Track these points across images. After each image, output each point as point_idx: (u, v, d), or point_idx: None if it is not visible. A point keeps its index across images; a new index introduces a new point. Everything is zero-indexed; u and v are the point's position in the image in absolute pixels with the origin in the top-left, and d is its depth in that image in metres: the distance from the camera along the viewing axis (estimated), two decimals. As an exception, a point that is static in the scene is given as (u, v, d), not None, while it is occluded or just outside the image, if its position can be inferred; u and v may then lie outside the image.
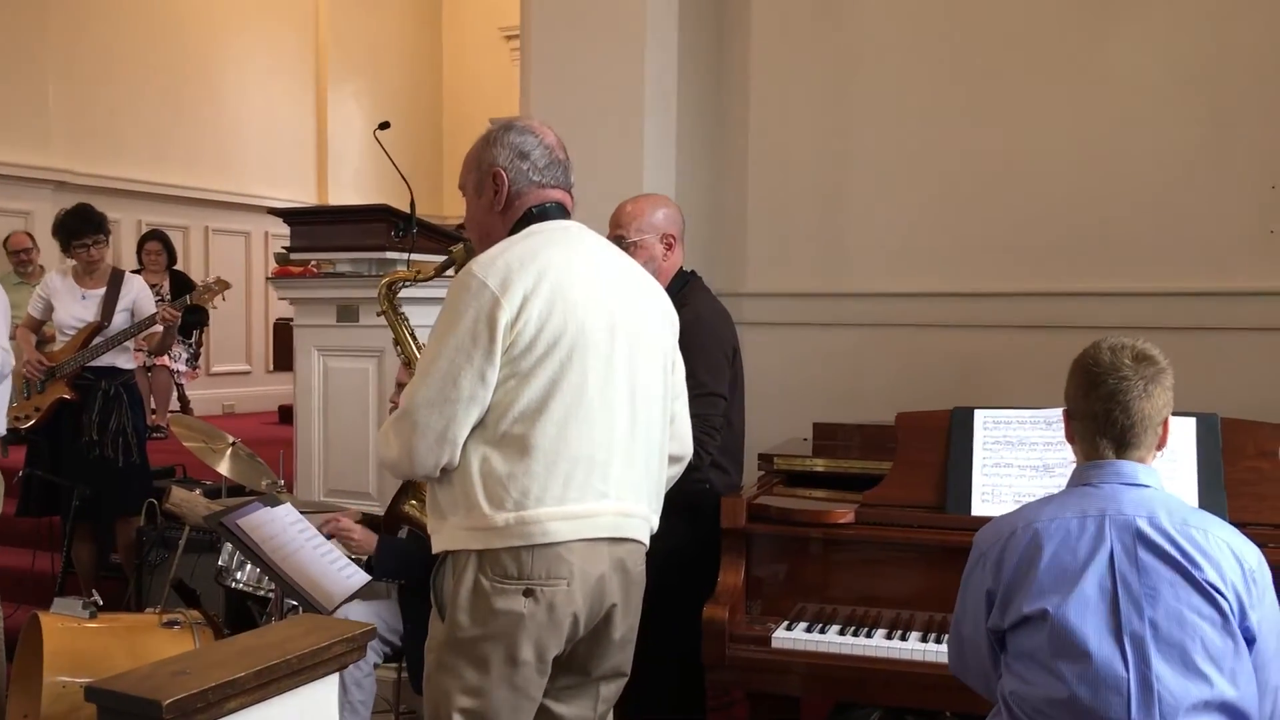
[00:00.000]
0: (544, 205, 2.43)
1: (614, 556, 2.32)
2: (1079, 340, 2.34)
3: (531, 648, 2.25)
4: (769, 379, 4.29)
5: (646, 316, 2.44)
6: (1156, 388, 2.15)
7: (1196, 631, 1.99)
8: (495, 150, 2.44)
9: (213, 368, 9.82)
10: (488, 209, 2.45)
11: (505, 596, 2.22)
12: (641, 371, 2.38)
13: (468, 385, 2.20)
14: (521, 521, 2.21)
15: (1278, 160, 3.96)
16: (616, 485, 2.30)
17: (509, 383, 2.22)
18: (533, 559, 2.22)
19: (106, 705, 1.44)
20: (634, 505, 2.36)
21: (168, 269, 7.94)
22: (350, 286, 4.49)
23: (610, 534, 2.30)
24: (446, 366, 2.21)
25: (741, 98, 4.77)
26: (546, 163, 2.45)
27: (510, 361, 2.22)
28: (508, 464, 2.22)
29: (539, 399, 2.22)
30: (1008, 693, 2.13)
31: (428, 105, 12.23)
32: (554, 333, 2.24)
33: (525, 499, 2.21)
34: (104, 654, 3.33)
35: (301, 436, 4.64)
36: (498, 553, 2.22)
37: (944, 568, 2.81)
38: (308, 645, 1.62)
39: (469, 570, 2.25)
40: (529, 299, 2.22)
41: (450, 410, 2.20)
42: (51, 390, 4.95)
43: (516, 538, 2.21)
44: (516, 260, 2.26)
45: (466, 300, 2.23)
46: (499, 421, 2.23)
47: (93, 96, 8.98)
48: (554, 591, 2.24)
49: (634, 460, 2.35)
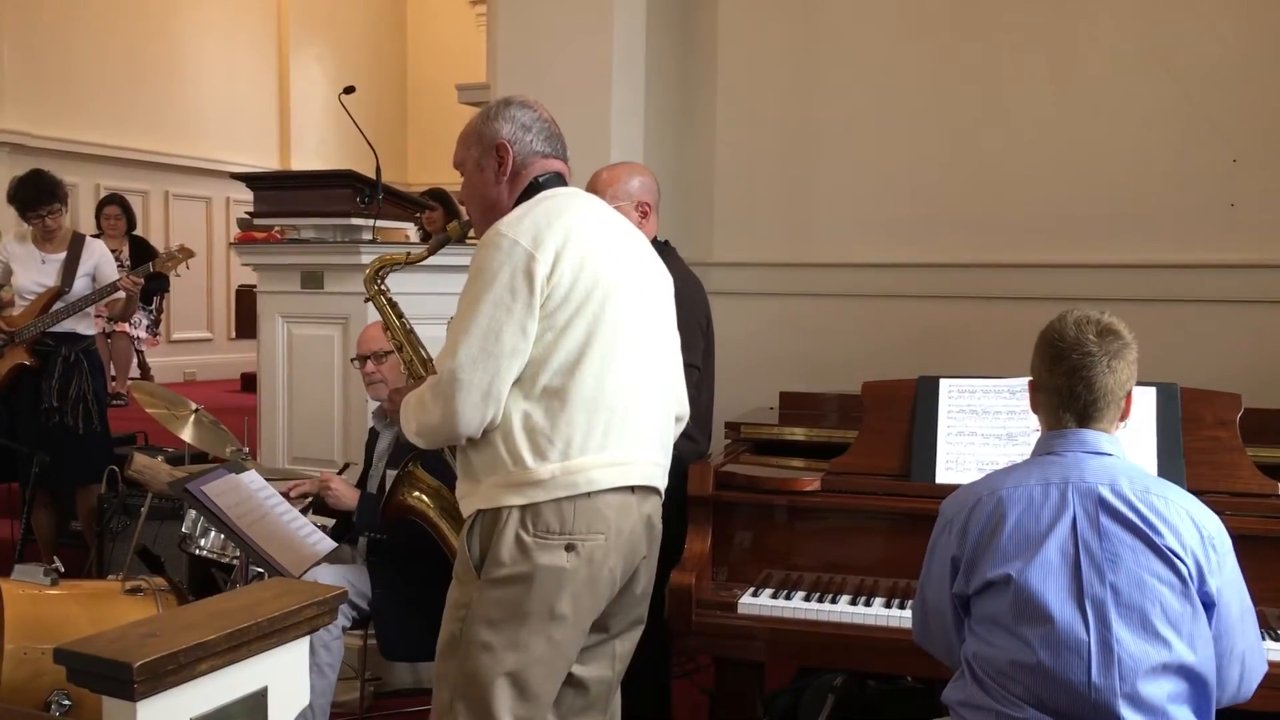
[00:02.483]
0: (548, 174, 2.51)
1: (642, 511, 2.41)
2: (1042, 311, 2.36)
3: (570, 602, 2.30)
4: (736, 348, 4.30)
5: (653, 279, 2.55)
6: (1120, 362, 2.16)
7: (1156, 596, 2.03)
8: (497, 124, 2.50)
9: (173, 335, 9.73)
10: (491, 182, 2.51)
11: (548, 551, 2.28)
12: (656, 330, 2.49)
13: (509, 339, 2.24)
14: (567, 471, 2.27)
15: (1239, 135, 4.01)
16: (646, 435, 2.41)
17: (546, 336, 2.28)
18: (575, 512, 2.28)
19: (76, 667, 1.44)
20: (660, 456, 2.47)
21: (127, 234, 7.84)
22: (315, 253, 4.45)
23: (644, 481, 2.39)
24: (487, 323, 2.25)
25: (709, 66, 4.76)
26: (546, 135, 2.52)
27: (546, 316, 2.27)
28: (548, 417, 2.28)
29: (576, 351, 2.28)
30: (971, 655, 2.16)
31: (392, 70, 12.13)
32: (586, 287, 2.30)
33: (570, 448, 2.27)
34: (66, 620, 3.30)
35: (265, 403, 4.61)
36: (539, 507, 2.27)
37: (908, 535, 2.85)
38: (279, 608, 1.62)
39: (510, 527, 2.29)
40: (561, 254, 2.28)
41: (494, 365, 2.25)
42: (10, 356, 4.88)
43: (562, 488, 2.27)
44: (544, 218, 2.33)
45: (500, 259, 2.27)
46: (537, 376, 2.28)
47: (50, 58, 8.83)
48: (593, 546, 2.31)
49: (656, 412, 2.45)
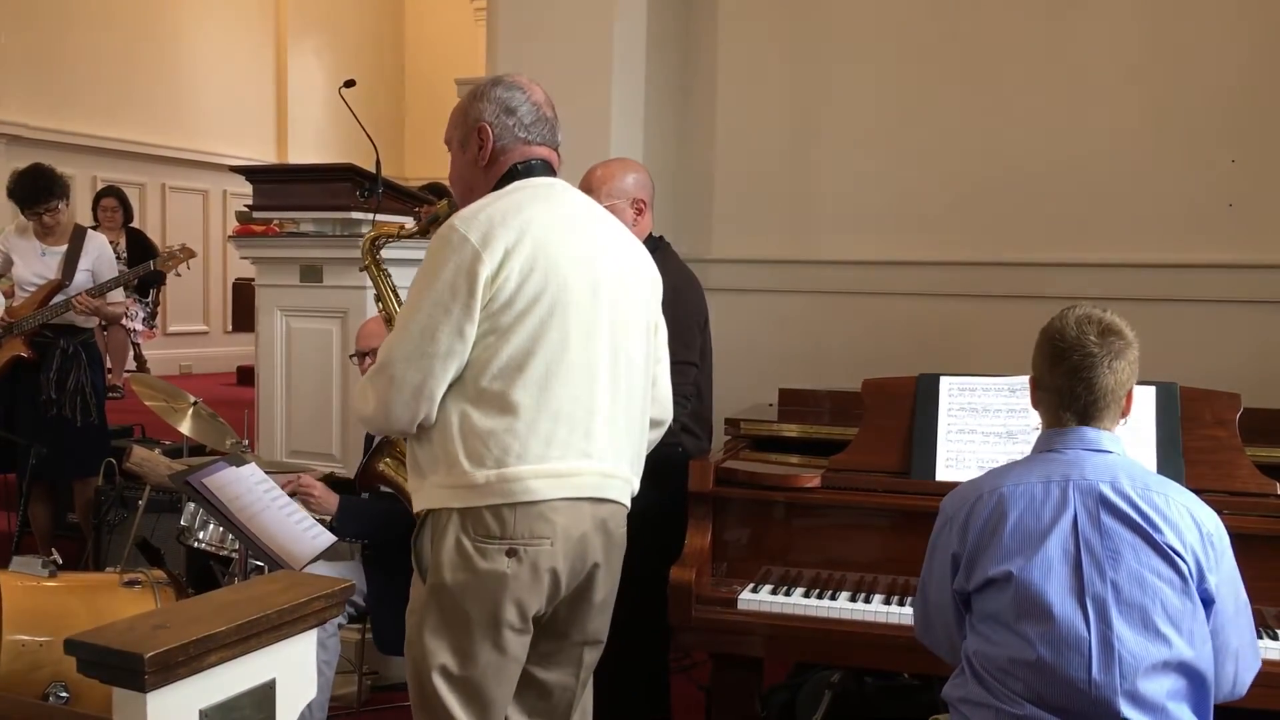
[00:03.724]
0: (529, 162, 2.40)
1: (596, 517, 2.30)
2: (1040, 309, 2.37)
3: (514, 608, 2.23)
4: (734, 344, 4.31)
5: (629, 277, 2.41)
6: (1121, 362, 2.16)
7: (1157, 593, 2.03)
8: (482, 105, 2.40)
9: (169, 327, 9.71)
10: (472, 164, 2.42)
11: (488, 556, 2.20)
12: (623, 333, 2.35)
13: (445, 340, 2.17)
14: (503, 479, 2.18)
15: (1237, 135, 4.02)
16: (599, 445, 2.28)
17: (488, 338, 2.19)
18: (515, 518, 2.19)
19: (87, 658, 1.44)
20: (615, 466, 2.33)
21: (124, 226, 7.83)
22: (314, 246, 4.45)
23: (592, 494, 2.28)
24: (425, 321, 2.18)
25: (709, 62, 4.77)
26: (533, 119, 2.41)
27: (490, 317, 2.19)
28: (488, 421, 2.19)
29: (519, 356, 2.19)
30: (971, 652, 2.16)
31: (389, 64, 12.11)
32: (535, 289, 2.20)
33: (506, 456, 2.18)
34: (64, 613, 3.29)
35: (264, 397, 4.61)
36: (479, 511, 2.19)
37: (908, 532, 2.85)
38: (287, 600, 1.62)
39: (450, 530, 2.22)
40: (510, 254, 2.19)
41: (427, 365, 2.18)
42: (8, 347, 4.88)
43: (498, 495, 2.18)
44: (499, 214, 2.23)
45: (447, 254, 2.20)
46: (479, 378, 2.20)
47: (47, 50, 8.81)
48: (537, 551, 2.21)
49: (615, 421, 2.32)
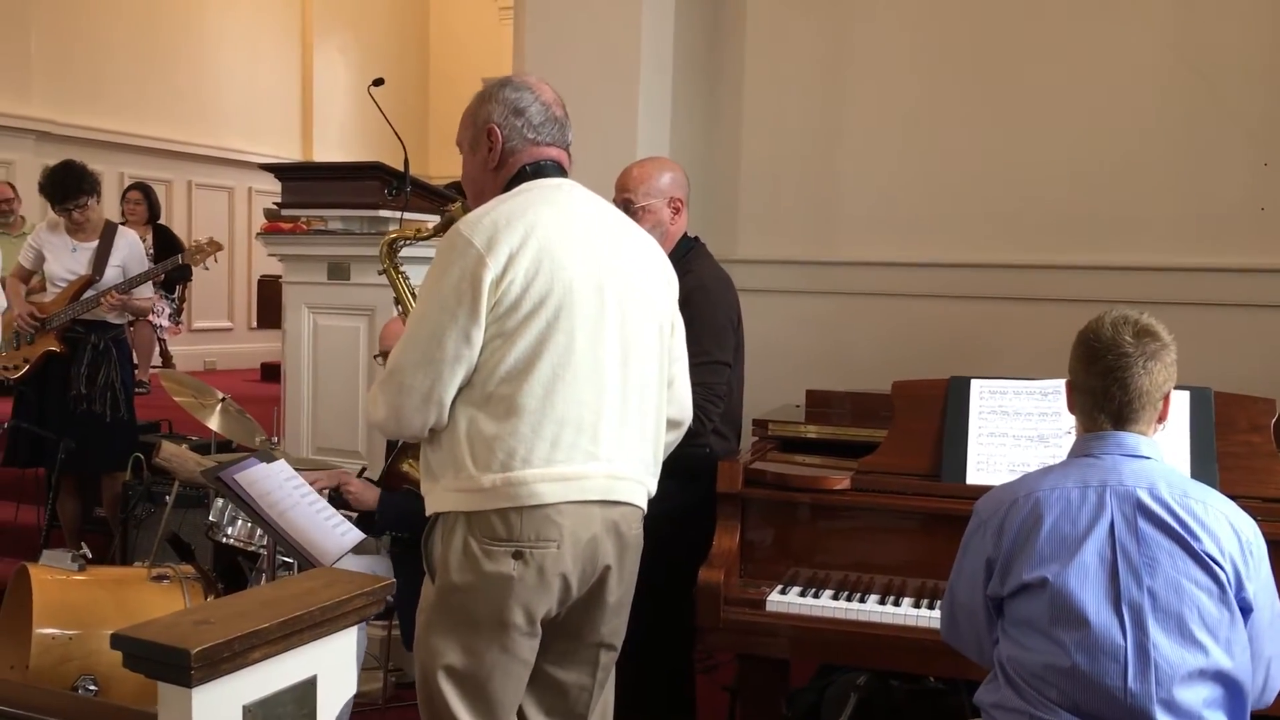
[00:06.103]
0: (538, 163, 2.38)
1: (606, 519, 2.28)
2: (1068, 313, 2.35)
3: (521, 610, 2.22)
4: (760, 345, 4.28)
5: (640, 277, 2.38)
6: (1156, 364, 2.15)
7: (1194, 601, 2.02)
8: (490, 106, 2.39)
9: (194, 324, 9.76)
10: (482, 166, 2.41)
11: (494, 559, 2.20)
12: (634, 333, 2.32)
13: (452, 345, 2.17)
14: (508, 483, 2.18)
15: (1270, 138, 4.00)
16: (607, 447, 2.26)
17: (494, 342, 2.19)
18: (521, 521, 2.19)
19: (133, 653, 1.45)
20: (626, 468, 2.31)
21: (150, 222, 7.87)
22: (342, 244, 4.48)
23: (601, 497, 2.26)
24: (431, 326, 2.19)
25: (737, 62, 4.76)
26: (542, 120, 2.39)
27: (496, 321, 2.18)
28: (494, 425, 2.19)
29: (525, 359, 2.18)
30: (1005, 658, 2.15)
31: (414, 62, 12.12)
32: (540, 292, 2.20)
33: (511, 460, 2.18)
34: (93, 607, 3.31)
35: (290, 394, 4.64)
36: (486, 514, 2.19)
37: (937, 535, 2.85)
38: (329, 597, 1.63)
39: (458, 532, 2.23)
40: (514, 257, 2.18)
41: (435, 370, 2.18)
42: (40, 342, 4.92)
43: (504, 499, 2.18)
44: (503, 218, 2.23)
45: (452, 259, 2.21)
46: (485, 382, 2.20)
47: (76, 47, 8.87)
48: (544, 554, 2.21)
49: (626, 423, 2.30)
